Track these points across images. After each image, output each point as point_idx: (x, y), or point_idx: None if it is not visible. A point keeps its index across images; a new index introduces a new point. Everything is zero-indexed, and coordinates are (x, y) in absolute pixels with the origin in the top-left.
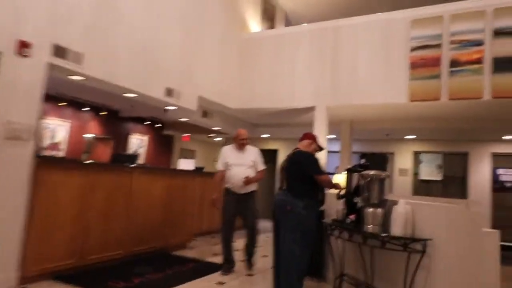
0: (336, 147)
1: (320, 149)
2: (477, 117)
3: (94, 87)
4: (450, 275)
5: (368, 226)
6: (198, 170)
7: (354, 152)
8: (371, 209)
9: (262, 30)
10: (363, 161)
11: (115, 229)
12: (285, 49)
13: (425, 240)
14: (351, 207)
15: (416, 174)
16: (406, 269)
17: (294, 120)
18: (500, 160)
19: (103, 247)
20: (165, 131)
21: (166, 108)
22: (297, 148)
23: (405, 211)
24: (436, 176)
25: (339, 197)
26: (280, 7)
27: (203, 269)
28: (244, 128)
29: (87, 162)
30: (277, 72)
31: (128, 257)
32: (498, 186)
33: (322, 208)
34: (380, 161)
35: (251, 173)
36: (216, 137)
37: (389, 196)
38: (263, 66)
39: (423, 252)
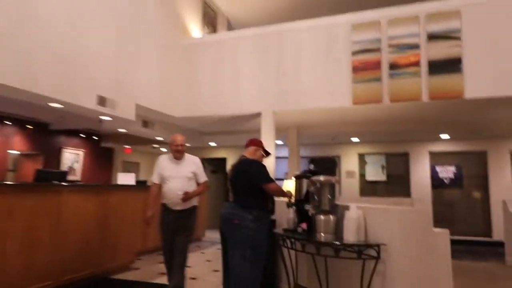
0: (284, 152)
1: (267, 154)
2: (416, 118)
3: (14, 98)
4: (405, 278)
5: (321, 235)
6: (140, 184)
7: (303, 157)
8: (322, 217)
9: (204, 35)
10: (311, 166)
11: (39, 258)
12: (228, 55)
13: (379, 245)
14: (302, 215)
15: (362, 175)
16: (362, 277)
17: (242, 127)
18: (437, 158)
19: (26, 280)
20: (103, 144)
21: (101, 118)
22: (243, 156)
23: (357, 216)
24: (381, 176)
25: (289, 205)
26: (221, 13)
27: None
28: (190, 136)
29: (2, 183)
30: (221, 78)
31: None
32: (436, 183)
33: (272, 217)
34: (329, 165)
35: (190, 187)
36: (161, 148)
37: (339, 201)
38: (206, 72)
39: (377, 258)
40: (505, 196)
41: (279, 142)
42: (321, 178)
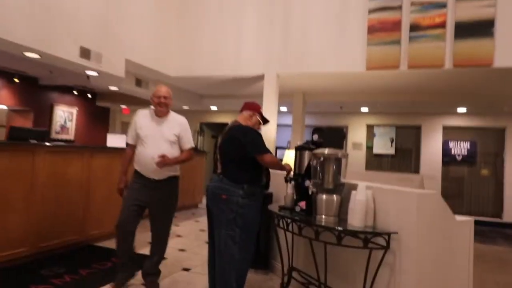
0: (288, 120)
1: (264, 122)
2: (434, 88)
3: None
4: (418, 273)
5: (321, 217)
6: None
7: (307, 126)
8: (324, 196)
9: None
10: (315, 137)
11: (12, 223)
12: (230, 10)
13: (389, 234)
14: (301, 192)
15: (369, 148)
16: (367, 268)
17: (244, 91)
18: (451, 132)
19: None
20: (98, 103)
21: (87, 74)
22: (235, 121)
23: (366, 198)
24: (389, 150)
25: (287, 180)
26: None
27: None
28: (189, 99)
29: None
30: (222, 36)
31: (36, 255)
32: (448, 159)
33: (269, 191)
34: (336, 136)
35: (172, 152)
36: None
37: (345, 177)
38: (205, 28)
39: (386, 247)
40: None
41: (283, 108)
42: (326, 151)
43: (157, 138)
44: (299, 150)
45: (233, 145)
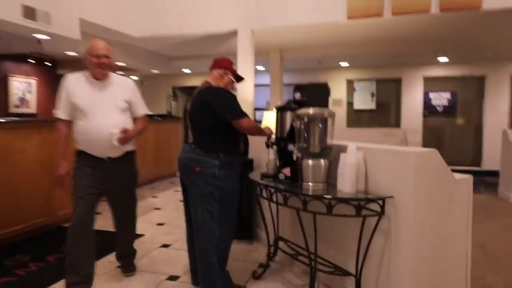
0: (265, 79)
1: (238, 80)
2: (416, 37)
3: None
4: (415, 238)
5: (308, 185)
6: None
7: (286, 85)
8: (311, 161)
9: None
10: (298, 95)
11: None
12: None
13: (384, 198)
14: (285, 157)
15: (350, 103)
16: (360, 236)
17: (216, 50)
18: (431, 83)
19: None
20: (59, 71)
21: (38, 38)
22: (205, 82)
23: (357, 160)
24: (370, 104)
25: (268, 144)
26: None
27: (105, 245)
28: (157, 62)
29: None
30: None
31: None
32: (429, 110)
33: (248, 158)
34: (320, 94)
35: (125, 122)
36: (130, 76)
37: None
38: None
39: (381, 213)
40: (500, 124)
41: (260, 67)
42: (310, 111)
43: (104, 107)
44: (280, 111)
45: (204, 110)
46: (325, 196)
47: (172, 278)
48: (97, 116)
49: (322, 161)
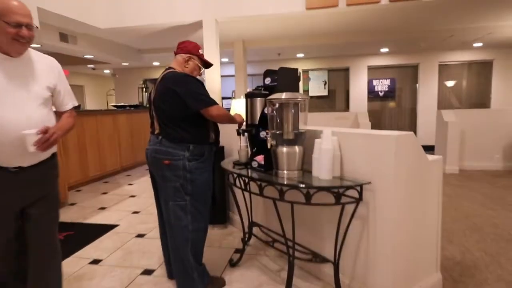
0: (229, 71)
1: (207, 66)
2: (364, 28)
3: None
4: (393, 224)
5: (283, 172)
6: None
7: (249, 75)
8: (285, 149)
9: None
10: (268, 80)
11: None
12: None
13: (362, 185)
14: (257, 145)
15: (305, 91)
16: (339, 224)
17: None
18: (374, 72)
19: None
20: None
21: None
22: (169, 68)
23: (332, 146)
24: (323, 91)
25: (240, 132)
26: None
27: (76, 239)
28: (127, 54)
29: None
30: None
31: None
32: (372, 95)
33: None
34: (290, 77)
35: (48, 118)
36: (104, 69)
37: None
38: None
39: (359, 199)
40: (430, 104)
41: (224, 59)
42: (283, 95)
43: (16, 97)
44: (250, 97)
45: (168, 99)
46: (302, 185)
47: (147, 272)
48: (4, 108)
49: (297, 148)
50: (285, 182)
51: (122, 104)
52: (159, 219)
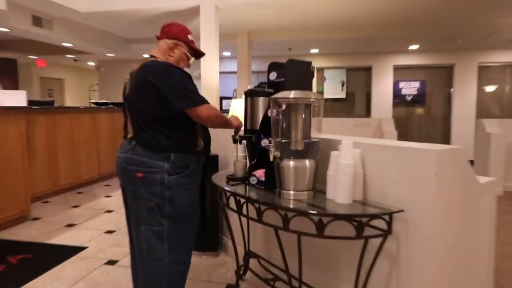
0: (232, 66)
1: (198, 56)
2: (389, 21)
3: None
4: (431, 263)
5: (289, 193)
6: (43, 105)
7: (254, 72)
8: (292, 162)
9: None
10: (274, 75)
11: None
12: None
13: (391, 213)
14: (258, 156)
15: (320, 92)
16: (360, 261)
17: None
18: (401, 72)
19: None
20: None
21: None
22: (150, 57)
23: (353, 160)
24: (340, 93)
25: (236, 139)
26: None
27: (32, 265)
28: (113, 44)
29: None
30: None
31: None
32: (398, 99)
33: (211, 154)
34: (301, 72)
35: None
36: (87, 61)
37: (314, 133)
38: None
39: (387, 232)
40: (467, 112)
41: (226, 53)
42: (291, 94)
43: None
44: (251, 96)
45: (145, 94)
46: (313, 211)
47: None
48: None
49: (307, 162)
50: (291, 206)
51: (103, 101)
52: (130, 244)
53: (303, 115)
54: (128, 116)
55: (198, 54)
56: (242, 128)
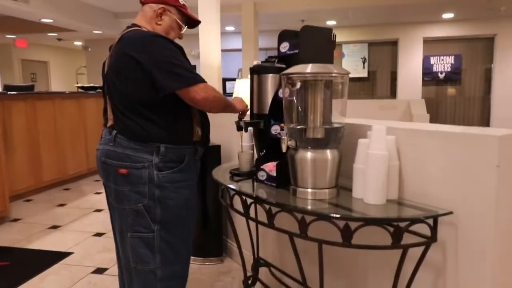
0: (236, 43)
1: (191, 25)
2: None
3: None
4: (488, 278)
5: (307, 191)
6: (17, 90)
7: (262, 49)
8: (310, 153)
9: None
10: (286, 46)
11: None
12: None
13: (437, 216)
14: (268, 146)
15: None
16: (397, 273)
17: None
18: (432, 46)
19: None
20: None
21: None
22: (132, 26)
23: (387, 150)
24: (361, 72)
25: (241, 126)
26: None
27: (9, 274)
28: (100, 20)
29: None
30: None
31: None
32: (429, 78)
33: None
34: (320, 42)
35: None
36: (73, 40)
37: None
38: None
39: (430, 239)
40: (511, 91)
41: (230, 28)
42: (308, 69)
43: None
44: (258, 73)
45: (126, 72)
46: (338, 214)
47: None
48: None
49: (328, 152)
50: (309, 208)
51: (91, 85)
52: (117, 253)
53: (323, 95)
54: (108, 100)
55: (192, 22)
56: (248, 112)
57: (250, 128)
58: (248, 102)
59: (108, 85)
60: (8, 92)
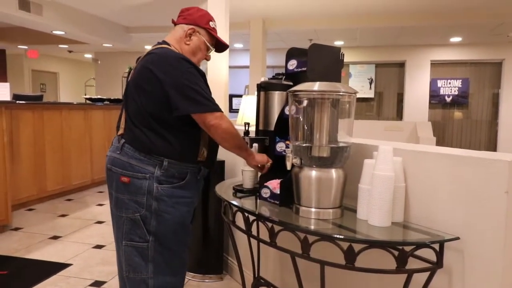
0: (244, 60)
1: (220, 49)
2: (430, 7)
3: None
4: None
5: (310, 211)
6: (25, 99)
7: (269, 67)
8: (315, 172)
9: None
10: (293, 64)
11: None
12: None
13: (443, 241)
14: (272, 163)
15: None
16: None
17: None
18: (440, 69)
19: None
20: None
21: None
22: (161, 43)
23: (394, 172)
24: (368, 92)
25: (246, 142)
26: None
27: (6, 283)
28: (111, 34)
29: None
30: None
31: None
32: (436, 101)
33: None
34: (327, 61)
35: None
36: (83, 53)
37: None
38: None
39: (435, 265)
40: None
41: (238, 45)
42: (315, 86)
43: None
44: (265, 89)
45: (144, 85)
46: (342, 236)
47: None
48: None
49: (333, 171)
50: (313, 228)
51: (98, 97)
52: (118, 262)
53: (330, 114)
54: (124, 109)
55: (220, 46)
56: (253, 128)
57: (255, 145)
58: (253, 120)
59: (127, 95)
60: (17, 101)
